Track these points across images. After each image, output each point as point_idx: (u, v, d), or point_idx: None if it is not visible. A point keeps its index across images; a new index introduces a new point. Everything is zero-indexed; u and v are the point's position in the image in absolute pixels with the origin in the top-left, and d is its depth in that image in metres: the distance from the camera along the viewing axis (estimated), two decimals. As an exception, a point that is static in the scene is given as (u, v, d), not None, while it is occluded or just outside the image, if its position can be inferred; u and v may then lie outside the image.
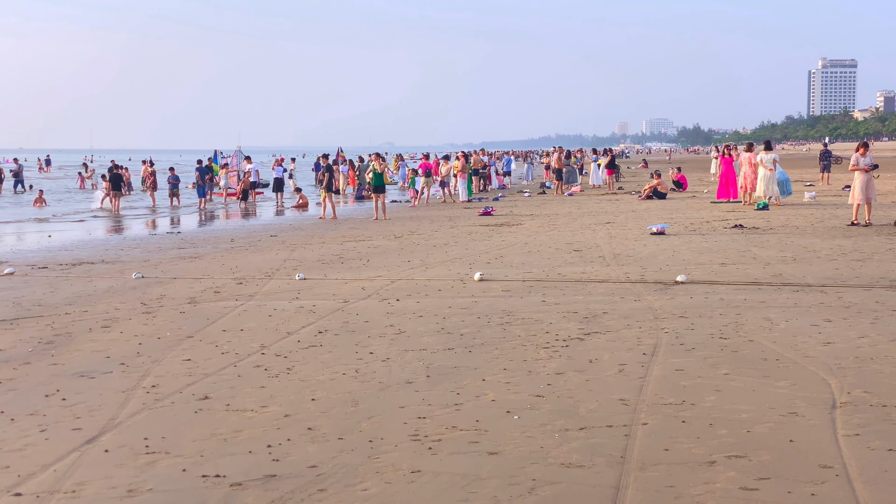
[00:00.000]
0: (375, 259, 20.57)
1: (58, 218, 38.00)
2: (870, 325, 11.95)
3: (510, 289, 15.57)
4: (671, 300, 14.16)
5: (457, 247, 22.62)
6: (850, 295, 14.32)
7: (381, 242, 24.32)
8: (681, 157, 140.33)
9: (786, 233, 23.88)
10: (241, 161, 51.80)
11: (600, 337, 11.56)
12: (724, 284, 15.67)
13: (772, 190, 33.82)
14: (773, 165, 33.46)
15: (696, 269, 17.54)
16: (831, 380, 9.26)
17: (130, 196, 49.28)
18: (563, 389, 9.13)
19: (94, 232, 31.31)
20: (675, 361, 10.21)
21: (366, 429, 7.92)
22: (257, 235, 27.87)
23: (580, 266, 18.28)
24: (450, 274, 17.48)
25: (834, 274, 16.45)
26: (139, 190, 54.51)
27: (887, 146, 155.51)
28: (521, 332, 12.04)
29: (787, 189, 34.72)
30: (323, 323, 12.90)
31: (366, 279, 17.12)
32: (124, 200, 45.06)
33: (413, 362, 10.44)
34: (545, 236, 24.66)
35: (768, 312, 13.03)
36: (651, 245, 21.68)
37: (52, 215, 38.11)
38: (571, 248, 21.63)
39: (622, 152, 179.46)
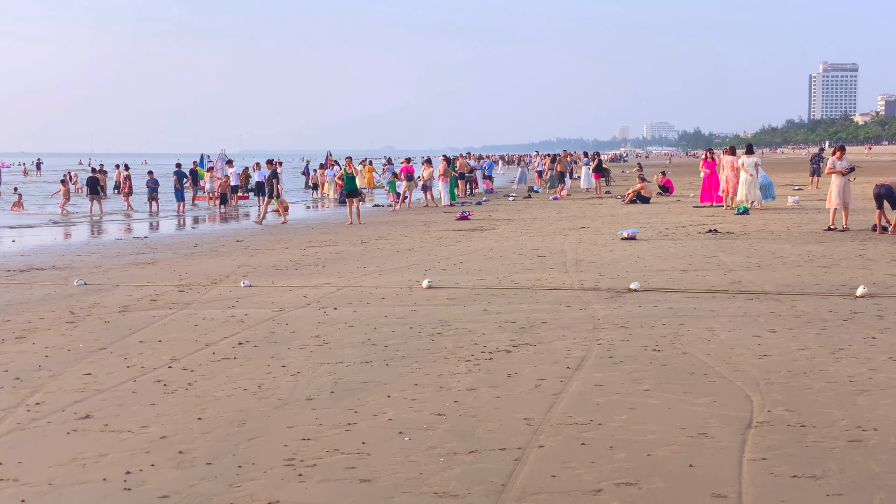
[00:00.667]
0: (332, 265, 20.10)
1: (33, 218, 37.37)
2: (814, 337, 11.47)
3: (456, 297, 15.14)
4: (618, 309, 13.67)
5: (420, 252, 22.14)
6: (804, 303, 13.89)
7: (345, 248, 23.87)
8: (681, 161, 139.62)
9: (758, 238, 23.43)
10: (224, 165, 50.81)
11: (529, 349, 11.04)
12: (678, 292, 15.19)
13: (753, 194, 33.30)
14: (755, 170, 32.92)
15: (655, 275, 17.08)
16: (755, 396, 8.74)
17: (106, 200, 48.16)
18: (468, 407, 8.60)
19: (60, 237, 30.95)
20: (597, 376, 9.69)
21: (242, 452, 7.37)
22: (223, 240, 27.49)
23: (537, 272, 17.81)
24: (401, 281, 17.03)
25: (795, 281, 16.00)
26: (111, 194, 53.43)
27: (887, 150, 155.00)
28: (450, 343, 11.52)
29: (771, 193, 34.40)
30: (248, 333, 12.39)
31: (312, 286, 16.68)
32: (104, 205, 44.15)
33: (323, 377, 9.93)
34: (513, 241, 24.20)
35: (714, 322, 12.58)
36: (618, 251, 21.20)
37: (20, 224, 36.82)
38: (535, 253, 21.13)
39: (620, 156, 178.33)
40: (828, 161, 26.11)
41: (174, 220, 38.44)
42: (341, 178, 32.84)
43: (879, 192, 24.43)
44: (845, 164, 25.69)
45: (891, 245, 21.15)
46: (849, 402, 8.51)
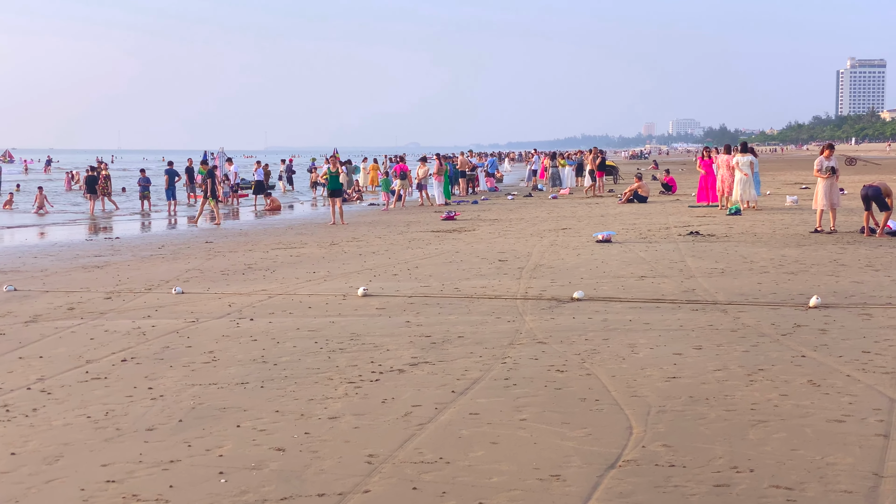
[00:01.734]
0: (284, 269, 19.39)
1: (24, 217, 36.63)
2: (740, 355, 10.67)
3: (387, 306, 14.38)
4: (548, 321, 12.95)
5: (382, 256, 21.47)
6: (750, 315, 13.15)
7: (309, 250, 23.12)
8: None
9: (738, 241, 22.58)
10: (223, 163, 50.08)
11: (426, 369, 10.29)
12: (623, 302, 14.42)
13: (749, 194, 32.41)
14: (750, 169, 31.90)
15: (609, 282, 16.37)
16: (638, 428, 7.92)
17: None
18: (316, 440, 7.81)
19: (31, 237, 30.60)
20: (479, 402, 8.89)
21: (29, 497, 6.63)
22: (192, 242, 26.79)
23: (489, 279, 17.05)
24: (341, 288, 16.32)
25: (752, 289, 15.23)
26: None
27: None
28: (346, 361, 10.75)
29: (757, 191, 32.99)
30: (140, 349, 11.67)
31: (246, 294, 15.96)
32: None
33: (184, 401, 9.16)
34: (484, 244, 23.43)
35: (642, 337, 11.79)
36: (585, 255, 20.48)
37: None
38: (499, 257, 20.35)
39: (641, 153, 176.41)
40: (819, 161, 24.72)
41: (159, 221, 38.03)
42: (325, 176, 31.01)
43: (867, 193, 23.63)
44: (833, 164, 24.77)
45: (872, 248, 20.37)
46: (738, 436, 7.68)
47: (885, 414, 8.15)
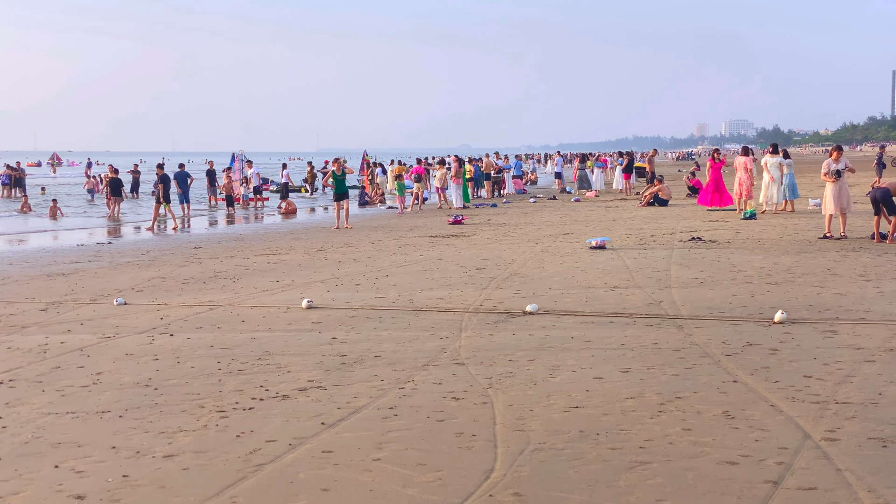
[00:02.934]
0: (249, 278, 18.71)
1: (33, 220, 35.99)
2: (667, 379, 9.80)
3: (324, 320, 13.61)
4: (485, 338, 12.14)
5: (360, 263, 20.72)
6: (705, 332, 12.29)
7: (291, 257, 22.35)
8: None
9: (738, 247, 21.60)
10: (242, 165, 49.29)
11: (314, 394, 9.45)
12: (578, 316, 13.57)
13: (777, 196, 31.60)
14: (779, 171, 31.02)
15: (577, 293, 15.55)
16: (500, 471, 7.05)
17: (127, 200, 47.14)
18: (129, 486, 6.97)
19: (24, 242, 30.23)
20: (344, 437, 8.02)
21: None
22: (180, 247, 26.12)
23: (452, 289, 16.22)
24: (291, 299, 15.48)
25: (722, 302, 14.34)
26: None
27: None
28: (235, 385, 9.95)
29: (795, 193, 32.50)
30: (27, 369, 10.91)
31: (190, 305, 15.22)
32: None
33: (24, 434, 8.36)
34: (473, 251, 22.52)
35: (572, 357, 10.91)
36: (570, 262, 19.64)
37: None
38: (477, 266, 19.46)
39: (689, 154, 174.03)
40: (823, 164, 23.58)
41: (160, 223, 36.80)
42: (335, 178, 31.07)
43: (874, 195, 22.44)
44: (840, 167, 23.55)
45: (875, 256, 19.31)
46: (606, 482, 6.75)
47: (790, 455, 7.21)
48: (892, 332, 11.73)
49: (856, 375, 9.64)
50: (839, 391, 9.02)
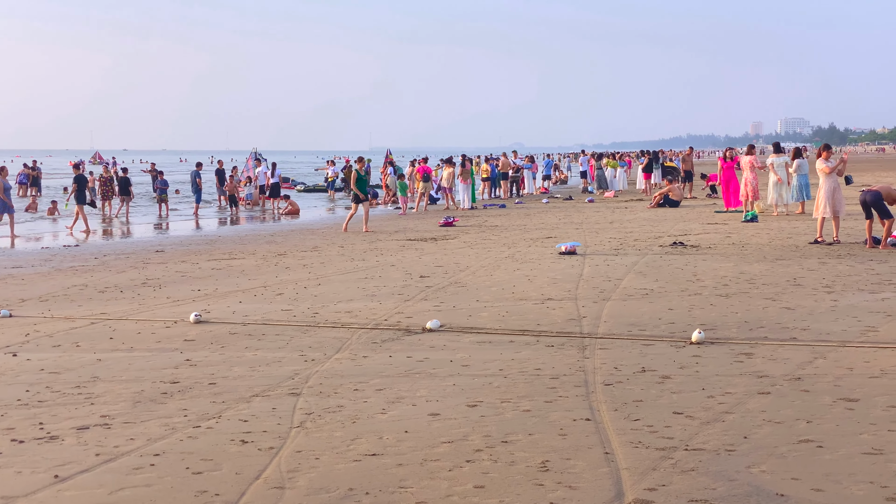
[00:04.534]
0: (174, 286, 17.63)
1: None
2: (513, 417, 8.57)
3: (201, 337, 12.51)
4: (358, 360, 11.01)
5: (303, 270, 19.70)
6: (608, 353, 11.13)
7: (241, 263, 21.27)
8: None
9: (714, 253, 20.43)
10: (253, 164, 48.24)
11: (87, 435, 8.23)
12: (481, 333, 12.47)
13: (786, 197, 30.17)
14: (785, 171, 29.62)
15: (501, 307, 14.47)
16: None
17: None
18: None
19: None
20: (65, 496, 6.86)
21: None
22: (141, 251, 24.99)
23: (373, 301, 15.19)
24: (189, 312, 14.34)
25: (651, 318, 13.22)
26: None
27: None
28: (15, 419, 8.85)
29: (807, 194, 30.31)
30: None
31: (74, 318, 14.15)
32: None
33: None
34: (433, 257, 21.37)
35: (428, 387, 9.68)
36: (524, 270, 18.54)
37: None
38: (423, 274, 18.34)
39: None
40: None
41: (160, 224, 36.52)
42: (356, 180, 29.16)
43: (865, 198, 21.10)
44: (832, 163, 22.22)
45: (857, 264, 18.14)
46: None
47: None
48: (812, 356, 10.54)
49: (735, 412, 8.40)
50: (700, 434, 7.79)
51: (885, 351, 10.62)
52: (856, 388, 9.04)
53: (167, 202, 42.43)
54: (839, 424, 7.88)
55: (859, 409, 8.32)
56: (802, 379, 9.53)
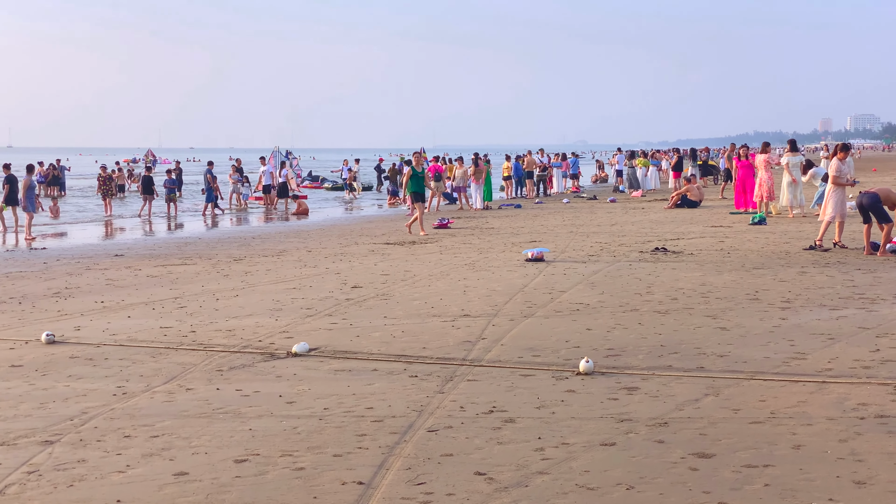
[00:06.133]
0: (84, 296, 16.42)
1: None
2: (272, 479, 7.08)
3: (38, 362, 11.23)
4: (175, 394, 9.62)
5: (235, 279, 18.43)
6: (470, 388, 9.64)
7: (184, 269, 20.16)
8: (875, 156, 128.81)
9: (693, 261, 19.04)
10: (278, 162, 46.97)
11: None
12: (349, 359, 11.16)
13: (800, 198, 28.73)
14: (800, 171, 28.09)
15: (401, 326, 13.22)
16: None
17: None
18: None
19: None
20: None
21: None
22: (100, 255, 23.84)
23: (263, 318, 13.88)
24: (60, 328, 13.16)
25: (555, 343, 11.73)
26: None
27: None
28: None
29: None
30: None
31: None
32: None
33: None
34: (388, 264, 20.17)
35: (214, 433, 8.27)
36: (470, 280, 17.22)
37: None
38: (358, 284, 17.08)
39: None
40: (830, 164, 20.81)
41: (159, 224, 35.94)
42: (411, 177, 26.85)
43: (862, 201, 19.49)
44: (849, 170, 21.05)
45: (841, 274, 16.67)
46: None
47: None
48: (705, 391, 9.14)
49: (552, 472, 6.95)
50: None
51: (794, 386, 9.19)
52: (721, 439, 7.56)
53: (175, 202, 41.41)
54: (664, 493, 6.43)
55: (704, 470, 6.86)
56: (668, 424, 8.04)
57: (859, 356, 10.24)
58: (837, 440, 7.37)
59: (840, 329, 11.71)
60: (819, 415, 8.12)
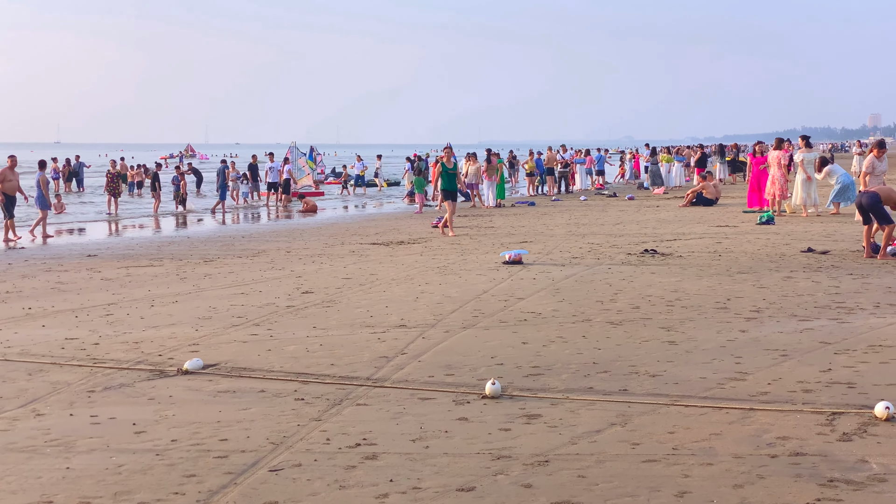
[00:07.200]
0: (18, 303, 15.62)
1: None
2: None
3: None
4: (19, 423, 8.71)
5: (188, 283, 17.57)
6: (356, 413, 8.71)
7: (145, 272, 19.34)
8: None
9: (679, 264, 18.06)
10: (297, 158, 46.14)
11: None
12: (251, 378, 10.14)
13: (813, 198, 27.49)
14: (816, 168, 26.85)
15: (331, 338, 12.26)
16: None
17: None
18: None
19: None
20: None
21: None
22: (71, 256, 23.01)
23: (185, 327, 12.97)
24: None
25: (481, 359, 10.76)
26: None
27: None
28: None
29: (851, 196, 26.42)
30: None
31: None
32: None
33: None
34: (360, 266, 19.34)
35: (18, 471, 7.27)
36: (432, 286, 16.19)
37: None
38: (307, 290, 16.12)
39: (842, 146, 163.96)
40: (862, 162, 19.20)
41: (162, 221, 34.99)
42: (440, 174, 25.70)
43: (861, 201, 18.49)
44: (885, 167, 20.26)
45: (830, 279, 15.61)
46: None
47: None
48: (613, 419, 8.18)
49: None
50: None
51: (716, 414, 8.23)
52: (599, 483, 6.65)
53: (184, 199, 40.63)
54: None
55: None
56: (549, 463, 7.08)
57: (805, 377, 9.23)
58: (732, 485, 6.40)
59: (798, 344, 10.69)
60: (726, 451, 7.11)
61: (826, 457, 6.86)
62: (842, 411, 7.94)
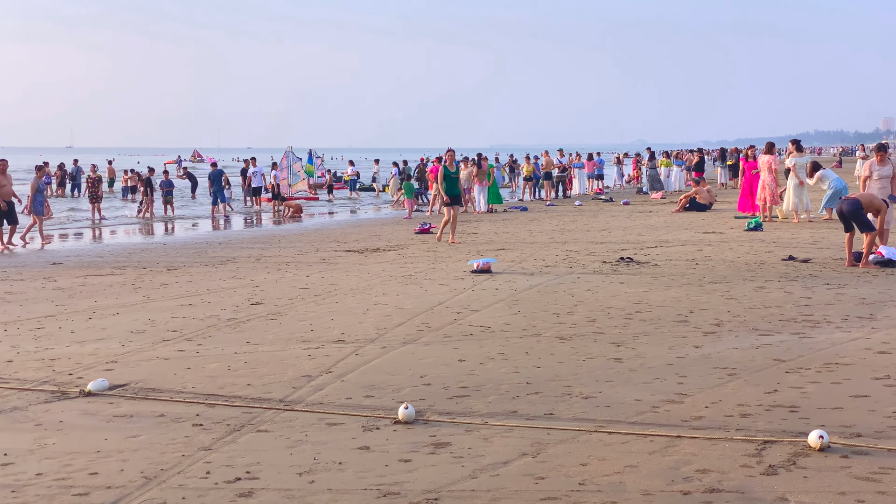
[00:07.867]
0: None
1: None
2: None
3: None
4: None
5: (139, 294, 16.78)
6: (250, 441, 8.04)
7: (102, 280, 18.60)
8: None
9: (651, 273, 17.44)
10: (292, 163, 45.54)
11: None
12: (155, 400, 9.48)
13: (805, 203, 27.06)
14: (808, 173, 26.27)
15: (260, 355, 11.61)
16: None
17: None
18: None
19: None
20: None
21: None
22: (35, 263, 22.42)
23: (113, 342, 12.38)
24: None
25: (410, 378, 10.16)
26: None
27: None
28: None
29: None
30: None
31: None
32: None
33: None
34: (324, 275, 18.69)
35: None
36: (388, 297, 15.61)
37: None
38: (257, 301, 15.57)
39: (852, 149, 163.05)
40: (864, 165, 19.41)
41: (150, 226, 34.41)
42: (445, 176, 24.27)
43: (842, 208, 17.84)
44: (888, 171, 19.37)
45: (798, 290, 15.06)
46: None
47: None
48: (526, 448, 7.57)
49: None
50: None
51: (640, 442, 7.62)
52: None
53: (172, 203, 40.85)
54: None
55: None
56: (438, 501, 6.47)
57: (748, 399, 8.62)
58: (630, 530, 5.34)
59: (750, 361, 10.10)
60: (636, 487, 6.49)
61: (743, 494, 6.26)
62: (775, 440, 7.32)
